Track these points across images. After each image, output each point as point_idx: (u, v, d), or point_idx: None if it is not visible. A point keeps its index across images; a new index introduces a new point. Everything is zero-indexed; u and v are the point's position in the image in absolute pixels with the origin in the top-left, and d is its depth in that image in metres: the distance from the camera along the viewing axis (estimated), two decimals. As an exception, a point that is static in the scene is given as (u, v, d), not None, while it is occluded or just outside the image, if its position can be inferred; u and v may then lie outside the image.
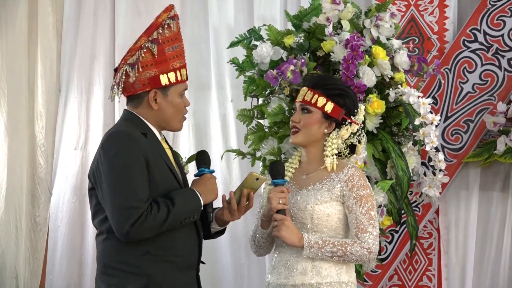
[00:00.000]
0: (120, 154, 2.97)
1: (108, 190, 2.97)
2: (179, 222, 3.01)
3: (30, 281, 5.32)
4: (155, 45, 3.10)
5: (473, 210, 4.79)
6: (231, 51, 4.27)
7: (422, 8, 4.89)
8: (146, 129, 3.10)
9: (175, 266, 3.05)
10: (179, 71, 3.14)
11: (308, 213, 3.20)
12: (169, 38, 3.15)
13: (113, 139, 3.03)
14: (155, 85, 3.09)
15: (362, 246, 3.15)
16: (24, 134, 5.34)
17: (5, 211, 5.19)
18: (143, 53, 3.09)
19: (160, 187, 3.02)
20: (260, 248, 3.36)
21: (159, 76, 3.09)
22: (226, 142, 5.22)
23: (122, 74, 3.09)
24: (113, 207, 2.95)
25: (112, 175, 2.97)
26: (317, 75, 3.33)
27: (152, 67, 3.10)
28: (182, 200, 3.02)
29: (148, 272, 3.00)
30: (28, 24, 5.36)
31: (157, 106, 3.11)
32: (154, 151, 3.05)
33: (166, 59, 3.11)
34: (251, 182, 3.15)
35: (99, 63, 5.43)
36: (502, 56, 4.75)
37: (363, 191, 3.20)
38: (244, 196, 3.15)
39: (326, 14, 3.80)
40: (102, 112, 5.40)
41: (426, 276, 4.87)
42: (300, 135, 3.26)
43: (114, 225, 2.96)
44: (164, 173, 3.07)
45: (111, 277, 3.04)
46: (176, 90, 3.14)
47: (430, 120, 3.77)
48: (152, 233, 2.97)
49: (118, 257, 3.03)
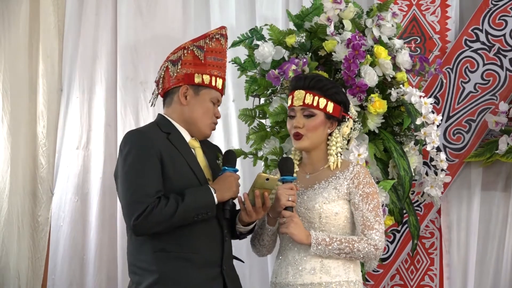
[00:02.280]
0: (131, 152, 3.08)
1: (120, 186, 3.10)
2: (191, 217, 3.06)
3: (32, 281, 5.32)
4: (200, 50, 3.23)
5: (475, 210, 4.79)
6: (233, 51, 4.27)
7: (424, 8, 4.89)
8: (170, 129, 3.20)
9: (191, 263, 3.09)
10: (216, 78, 3.25)
11: (316, 212, 3.20)
12: (214, 49, 3.27)
13: (127, 138, 3.15)
14: (188, 81, 3.22)
15: (369, 243, 3.16)
16: (26, 133, 5.34)
17: (8, 211, 5.20)
18: (186, 53, 3.24)
19: (175, 185, 3.08)
20: (263, 247, 3.35)
21: (194, 74, 3.22)
22: (228, 142, 5.22)
23: (163, 69, 3.25)
24: (122, 203, 3.08)
25: (124, 172, 3.08)
26: (309, 77, 3.31)
27: (190, 66, 3.23)
28: (193, 196, 3.07)
29: (160, 269, 3.06)
30: (30, 24, 5.36)
31: (187, 102, 3.21)
32: (172, 149, 3.13)
33: (205, 64, 3.24)
34: (262, 183, 3.15)
35: (101, 63, 5.43)
36: (504, 55, 4.75)
37: (369, 189, 3.21)
38: (258, 197, 3.16)
39: (328, 13, 3.80)
40: (104, 112, 5.40)
41: (428, 276, 4.87)
42: (306, 140, 3.25)
43: (124, 219, 3.07)
44: (182, 172, 3.13)
45: (135, 275, 3.15)
46: (208, 93, 3.24)
47: (431, 120, 3.77)
48: (161, 227, 3.03)
49: (138, 255, 3.13)
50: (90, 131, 5.43)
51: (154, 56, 5.26)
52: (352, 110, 3.32)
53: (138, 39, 5.34)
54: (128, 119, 5.30)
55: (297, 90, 3.26)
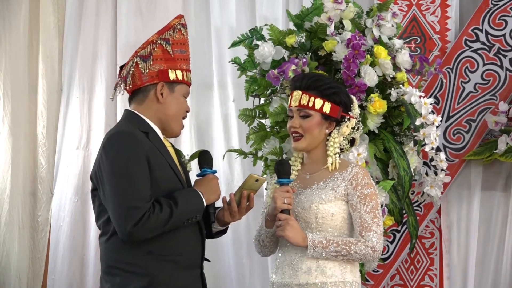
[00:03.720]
0: (121, 154, 2.98)
1: (110, 190, 2.98)
2: (181, 222, 3.02)
3: (32, 281, 5.32)
4: (167, 44, 3.16)
5: (475, 210, 4.79)
6: (233, 51, 4.27)
7: (424, 8, 4.89)
8: (147, 128, 3.11)
9: (178, 265, 3.05)
10: (186, 72, 3.19)
11: (313, 212, 3.19)
12: (178, 41, 3.20)
13: (114, 139, 3.04)
14: (163, 78, 3.14)
15: (367, 245, 3.14)
16: (26, 133, 5.34)
17: (9, 211, 5.20)
18: (155, 48, 3.15)
19: (161, 186, 3.03)
20: (265, 248, 3.35)
21: (168, 70, 3.15)
22: (228, 142, 5.22)
23: (132, 65, 3.15)
24: (115, 208, 2.96)
25: (114, 175, 2.97)
26: (307, 76, 3.29)
27: (162, 61, 3.14)
28: (185, 200, 3.02)
29: (150, 272, 3.01)
30: (30, 24, 5.37)
31: (163, 100, 3.14)
32: (155, 150, 3.06)
33: (175, 58, 3.17)
34: (251, 184, 3.15)
35: (101, 63, 5.43)
36: (504, 55, 4.75)
37: (368, 190, 3.19)
38: (244, 198, 3.16)
39: (328, 13, 3.80)
40: (104, 112, 5.40)
41: (428, 276, 4.87)
42: (303, 141, 3.23)
43: (116, 225, 2.97)
44: (166, 173, 3.07)
45: (114, 277, 3.05)
46: (181, 89, 3.18)
47: (431, 120, 3.77)
48: (155, 233, 2.97)
49: (120, 257, 3.03)
50: (90, 131, 5.43)
51: (154, 56, 5.25)
52: (355, 110, 3.29)
53: (138, 39, 5.32)
54: (128, 119, 5.30)
55: (295, 91, 3.25)
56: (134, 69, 3.14)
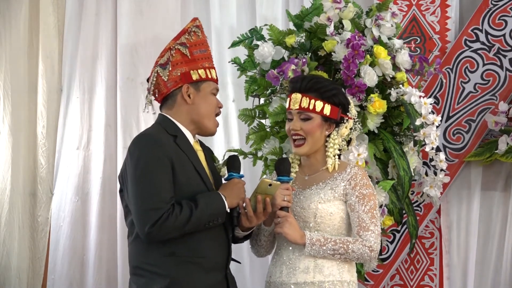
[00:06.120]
0: (143, 156, 3.05)
1: (132, 191, 3.05)
2: (202, 224, 3.06)
3: (32, 281, 5.32)
4: (185, 47, 3.22)
5: (474, 210, 4.79)
6: (233, 51, 4.28)
7: (424, 8, 4.90)
8: (177, 131, 3.18)
9: (200, 267, 3.10)
10: (209, 70, 3.25)
11: (311, 211, 3.20)
12: (195, 43, 3.27)
13: (138, 141, 3.12)
14: (186, 80, 3.21)
15: (364, 244, 3.15)
16: (26, 133, 5.34)
17: (9, 211, 5.20)
18: (173, 53, 3.22)
19: (185, 190, 3.08)
20: (261, 247, 3.36)
21: (189, 72, 3.21)
22: (228, 142, 5.22)
23: (154, 76, 3.22)
24: (135, 209, 3.03)
25: (135, 177, 3.04)
26: (306, 79, 3.29)
27: (182, 65, 3.22)
28: (205, 203, 3.06)
29: (171, 273, 3.06)
30: (30, 24, 5.37)
31: (191, 101, 3.20)
32: (181, 154, 3.12)
33: (195, 59, 3.24)
34: (265, 188, 3.16)
35: (101, 63, 5.43)
36: (504, 56, 4.75)
37: (366, 190, 3.21)
38: (260, 202, 3.17)
39: (327, 13, 3.80)
40: (104, 112, 5.40)
41: (427, 276, 4.87)
42: (306, 146, 3.25)
43: (136, 226, 3.04)
44: (191, 176, 3.12)
45: (140, 277, 3.12)
46: (208, 86, 3.24)
47: (431, 120, 3.77)
48: (174, 234, 3.02)
49: (145, 258, 3.10)
50: (90, 131, 5.43)
51: (154, 56, 5.18)
52: (352, 110, 3.30)
53: (138, 39, 5.33)
54: (128, 120, 5.30)
55: (294, 93, 3.25)
56: (156, 79, 3.22)
